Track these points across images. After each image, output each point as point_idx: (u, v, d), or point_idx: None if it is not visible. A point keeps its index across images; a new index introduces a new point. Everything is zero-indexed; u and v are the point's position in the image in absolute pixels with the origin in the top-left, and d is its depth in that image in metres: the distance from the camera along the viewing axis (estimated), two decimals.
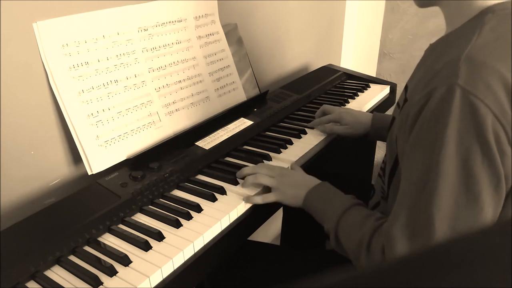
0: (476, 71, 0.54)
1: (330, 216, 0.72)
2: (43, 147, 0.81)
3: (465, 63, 0.55)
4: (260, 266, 0.92)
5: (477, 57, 0.56)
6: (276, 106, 1.19)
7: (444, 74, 0.57)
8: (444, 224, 0.55)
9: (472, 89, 0.53)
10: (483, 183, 0.54)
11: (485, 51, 0.57)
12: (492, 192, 0.55)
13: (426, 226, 0.56)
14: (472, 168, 0.54)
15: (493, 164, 0.53)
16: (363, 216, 0.68)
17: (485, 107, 0.53)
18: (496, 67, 0.54)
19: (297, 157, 0.95)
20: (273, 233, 1.76)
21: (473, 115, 0.53)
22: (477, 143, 0.53)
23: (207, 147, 0.95)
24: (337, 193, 0.76)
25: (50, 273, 0.63)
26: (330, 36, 1.80)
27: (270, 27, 1.40)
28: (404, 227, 0.58)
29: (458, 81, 0.54)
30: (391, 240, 0.58)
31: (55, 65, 0.79)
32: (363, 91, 1.37)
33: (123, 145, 0.88)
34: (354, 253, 0.67)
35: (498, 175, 0.54)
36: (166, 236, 0.69)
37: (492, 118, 0.53)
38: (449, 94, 0.54)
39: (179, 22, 1.02)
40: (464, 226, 0.55)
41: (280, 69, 1.51)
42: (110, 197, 0.76)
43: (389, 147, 0.73)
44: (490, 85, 0.53)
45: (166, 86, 0.98)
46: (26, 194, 0.80)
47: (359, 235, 0.65)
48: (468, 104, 0.53)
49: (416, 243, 0.57)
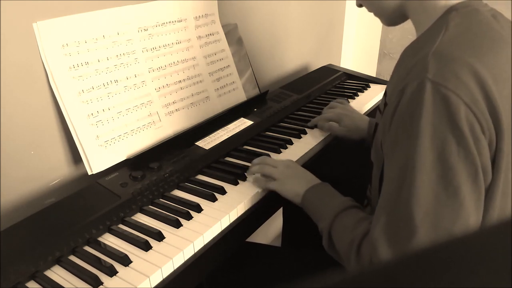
0: (444, 64, 0.55)
1: (325, 216, 0.71)
2: (43, 147, 0.81)
3: (433, 57, 0.56)
4: (260, 266, 0.92)
5: (445, 51, 0.57)
6: (276, 106, 1.19)
7: (415, 71, 0.58)
8: (425, 222, 0.54)
9: (442, 81, 0.54)
10: (461, 175, 0.54)
11: (452, 44, 0.58)
12: (471, 184, 0.54)
13: (406, 225, 0.55)
14: (449, 159, 0.53)
15: (469, 154, 0.53)
16: (358, 219, 0.68)
17: (457, 98, 0.53)
18: (464, 58, 0.55)
19: (297, 157, 0.95)
20: (273, 233, 1.76)
21: (445, 106, 0.53)
22: (451, 134, 0.53)
23: (207, 147, 0.95)
24: (336, 194, 0.76)
25: (50, 273, 0.63)
26: (330, 36, 1.80)
27: (270, 27, 1.40)
28: (384, 228, 0.57)
29: (428, 75, 0.54)
30: (374, 243, 0.58)
31: (55, 65, 0.79)
32: (363, 91, 1.37)
33: (123, 145, 0.88)
34: (345, 254, 0.66)
35: (475, 165, 0.54)
36: (166, 236, 0.69)
37: (465, 108, 0.53)
38: (420, 89, 0.55)
39: (179, 22, 1.02)
40: (445, 222, 0.54)
41: (280, 69, 1.51)
42: (110, 197, 0.76)
43: (375, 153, 0.72)
44: (459, 76, 0.54)
45: (166, 86, 0.98)
46: (26, 194, 0.80)
47: (350, 237, 0.65)
48: (440, 97, 0.53)
49: (398, 243, 0.56)
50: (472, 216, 0.55)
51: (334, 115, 1.07)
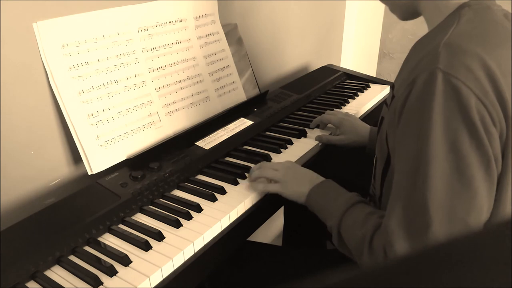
0: (455, 55, 0.56)
1: (333, 213, 0.71)
2: (43, 147, 0.81)
3: (445, 48, 0.56)
4: (261, 266, 0.92)
5: (456, 43, 0.57)
6: (276, 106, 1.19)
7: (425, 61, 0.58)
8: (440, 213, 0.54)
9: (453, 71, 0.54)
10: (473, 165, 0.54)
11: (463, 37, 0.58)
12: (483, 174, 0.55)
13: (422, 217, 0.55)
14: (461, 150, 0.54)
15: (481, 144, 0.54)
16: (366, 213, 0.68)
17: (467, 89, 0.53)
18: (475, 50, 0.55)
19: (297, 157, 0.95)
20: (273, 233, 1.76)
21: (456, 97, 0.53)
22: (463, 125, 0.53)
23: (207, 147, 0.95)
24: (341, 190, 0.76)
25: (50, 273, 0.63)
26: (330, 36, 1.80)
27: (270, 27, 1.40)
28: (400, 220, 0.58)
29: (439, 65, 0.55)
30: (389, 236, 0.58)
31: (55, 65, 0.79)
32: (363, 91, 1.37)
33: (123, 145, 0.88)
34: (356, 250, 0.66)
35: (487, 156, 0.54)
36: (166, 236, 0.69)
37: (475, 99, 0.53)
38: (431, 79, 0.55)
39: (179, 22, 1.02)
40: (460, 212, 0.55)
41: (280, 69, 1.51)
42: (110, 197, 0.76)
43: (379, 147, 0.72)
44: (470, 67, 0.54)
45: (166, 86, 0.98)
46: (26, 194, 0.80)
47: (361, 232, 0.65)
48: (451, 87, 0.54)
49: (414, 235, 0.56)
50: (485, 206, 0.56)
51: (336, 118, 1.06)
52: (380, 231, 0.63)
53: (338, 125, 1.05)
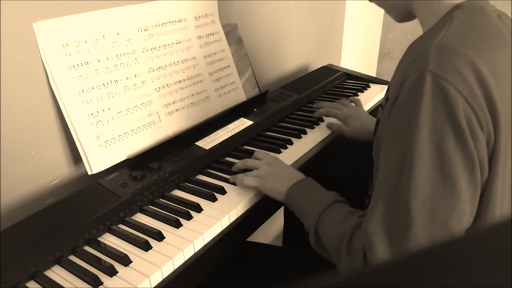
0: (445, 57, 0.56)
1: (311, 212, 0.70)
2: (43, 147, 0.81)
3: (435, 50, 0.56)
4: (261, 266, 0.92)
5: (447, 44, 0.57)
6: (276, 106, 1.19)
7: (416, 62, 0.58)
8: (422, 213, 0.54)
9: (442, 73, 0.54)
10: (458, 167, 0.54)
11: (454, 39, 0.58)
12: (467, 177, 0.55)
13: (404, 216, 0.55)
14: (446, 151, 0.54)
15: (466, 147, 0.54)
16: (346, 213, 0.67)
17: (456, 91, 0.53)
18: (466, 53, 0.55)
19: (297, 157, 0.95)
20: (273, 233, 1.76)
21: (444, 99, 0.53)
22: (449, 127, 0.53)
23: (207, 147, 0.95)
24: (320, 189, 0.75)
25: (50, 273, 0.63)
26: (330, 36, 1.80)
27: (270, 27, 1.40)
28: (382, 218, 0.57)
29: (429, 67, 0.55)
30: (369, 235, 0.57)
31: (55, 65, 0.79)
32: (363, 91, 1.37)
33: (123, 145, 0.88)
34: (334, 250, 0.65)
35: (472, 159, 0.54)
36: (166, 236, 0.69)
37: (463, 102, 0.53)
38: (420, 80, 0.55)
39: (179, 22, 1.02)
40: (442, 213, 0.55)
41: (280, 69, 1.51)
42: (110, 197, 0.76)
43: (376, 149, 0.72)
44: (459, 69, 0.54)
45: (166, 86, 0.98)
46: (26, 194, 0.80)
47: (340, 231, 0.64)
48: (439, 89, 0.54)
49: (394, 235, 0.56)
50: (468, 209, 0.56)
51: (342, 114, 1.06)
52: (359, 230, 0.62)
53: (345, 121, 1.05)
